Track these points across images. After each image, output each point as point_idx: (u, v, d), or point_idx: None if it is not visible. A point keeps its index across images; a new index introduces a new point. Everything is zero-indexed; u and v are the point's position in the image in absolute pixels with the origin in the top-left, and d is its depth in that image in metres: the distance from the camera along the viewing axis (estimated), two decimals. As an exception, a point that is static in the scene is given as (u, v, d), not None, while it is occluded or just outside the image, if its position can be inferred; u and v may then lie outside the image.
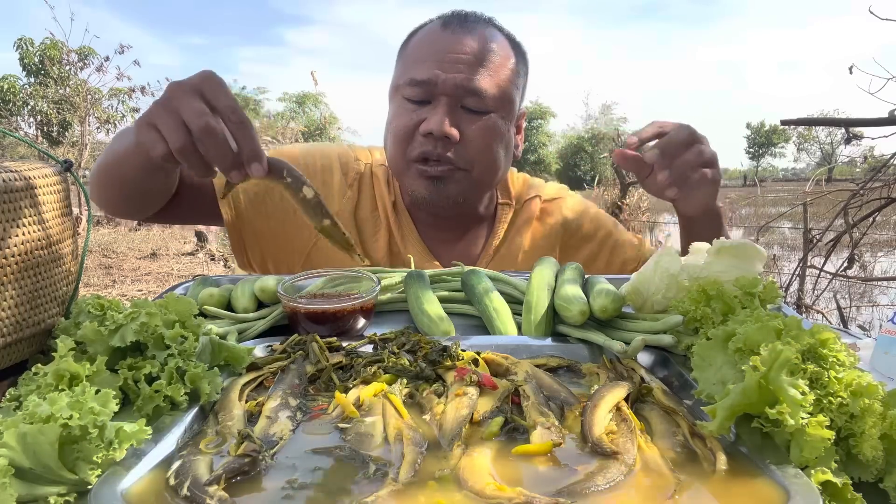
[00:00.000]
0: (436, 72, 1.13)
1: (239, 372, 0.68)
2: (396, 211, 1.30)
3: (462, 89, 1.13)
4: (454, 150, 1.15)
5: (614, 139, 7.60)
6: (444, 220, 1.30)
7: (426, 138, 1.14)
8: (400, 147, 1.18)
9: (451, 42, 1.15)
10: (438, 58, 1.14)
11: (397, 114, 1.19)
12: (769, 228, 5.09)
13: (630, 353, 0.72)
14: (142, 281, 7.00)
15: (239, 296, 0.93)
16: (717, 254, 0.78)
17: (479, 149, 1.17)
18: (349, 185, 1.29)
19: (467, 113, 1.15)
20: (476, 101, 1.15)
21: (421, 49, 1.19)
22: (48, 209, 0.69)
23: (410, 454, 0.51)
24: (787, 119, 2.63)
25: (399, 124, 1.17)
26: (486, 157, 1.19)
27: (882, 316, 4.84)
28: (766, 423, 0.52)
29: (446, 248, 1.30)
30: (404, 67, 1.20)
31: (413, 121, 1.15)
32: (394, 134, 1.19)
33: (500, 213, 1.36)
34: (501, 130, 1.20)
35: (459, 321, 0.91)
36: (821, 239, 3.24)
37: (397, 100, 1.19)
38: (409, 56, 1.21)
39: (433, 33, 1.20)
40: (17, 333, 0.65)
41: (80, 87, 12.71)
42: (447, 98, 1.13)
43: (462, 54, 1.14)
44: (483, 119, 1.17)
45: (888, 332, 0.77)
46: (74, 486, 0.47)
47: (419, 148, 1.15)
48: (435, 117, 1.13)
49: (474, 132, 1.16)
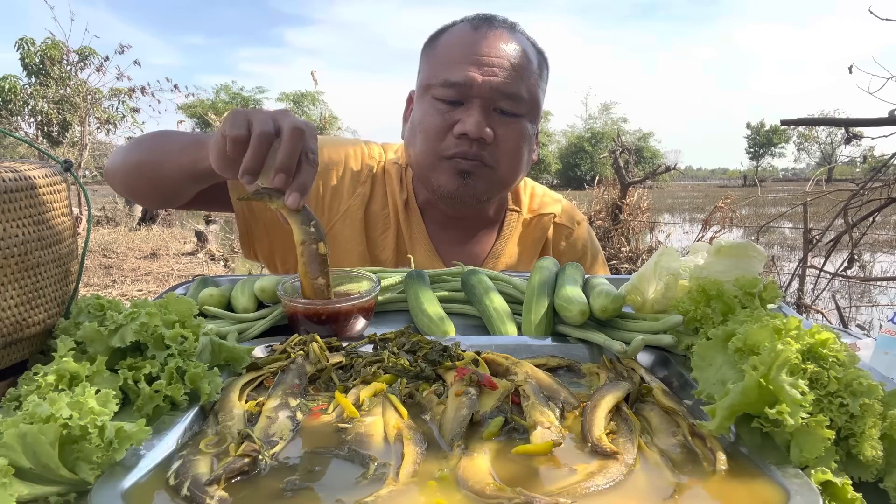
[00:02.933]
0: (471, 74, 1.14)
1: (239, 372, 0.68)
2: (408, 209, 1.31)
3: (497, 93, 1.15)
4: (486, 150, 1.17)
5: (614, 139, 7.59)
6: (455, 220, 1.31)
7: (460, 139, 1.16)
8: (431, 145, 1.19)
9: (485, 45, 1.16)
10: (474, 60, 1.15)
11: (429, 113, 1.19)
12: (769, 228, 5.09)
13: (630, 353, 0.72)
14: (142, 281, 7.00)
15: (239, 296, 0.93)
16: (717, 254, 0.78)
17: (508, 150, 1.19)
18: (362, 182, 1.30)
19: (500, 116, 1.17)
20: (510, 105, 1.17)
21: (453, 50, 1.19)
22: (48, 209, 0.69)
23: (410, 454, 0.51)
24: (787, 119, 2.62)
25: (431, 123, 1.18)
26: (513, 159, 1.21)
27: (882, 316, 4.84)
28: (766, 423, 0.52)
29: (453, 249, 1.32)
30: (436, 68, 1.20)
31: (446, 121, 1.17)
32: (425, 133, 1.20)
33: (509, 219, 1.38)
34: (529, 135, 1.23)
35: (459, 321, 0.91)
36: (821, 239, 3.24)
37: (427, 100, 1.20)
38: (440, 56, 1.21)
39: (466, 35, 1.20)
40: (17, 333, 0.65)
41: (80, 88, 12.70)
42: (481, 101, 1.15)
43: (497, 58, 1.16)
44: (515, 122, 1.19)
45: (888, 332, 0.77)
46: (74, 486, 0.47)
47: (453, 148, 1.17)
48: (471, 119, 1.14)
49: (506, 135, 1.18)
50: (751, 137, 55.75)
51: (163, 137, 1.19)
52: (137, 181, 1.19)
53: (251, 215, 1.28)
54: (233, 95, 32.42)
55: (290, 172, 0.80)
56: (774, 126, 51.96)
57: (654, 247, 6.67)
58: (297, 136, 0.80)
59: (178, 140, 1.14)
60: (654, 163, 31.78)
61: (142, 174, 1.17)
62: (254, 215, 1.28)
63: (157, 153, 1.14)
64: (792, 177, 53.05)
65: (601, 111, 41.61)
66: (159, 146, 1.15)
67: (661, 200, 16.97)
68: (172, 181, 1.13)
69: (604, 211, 7.07)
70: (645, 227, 7.28)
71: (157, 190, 1.18)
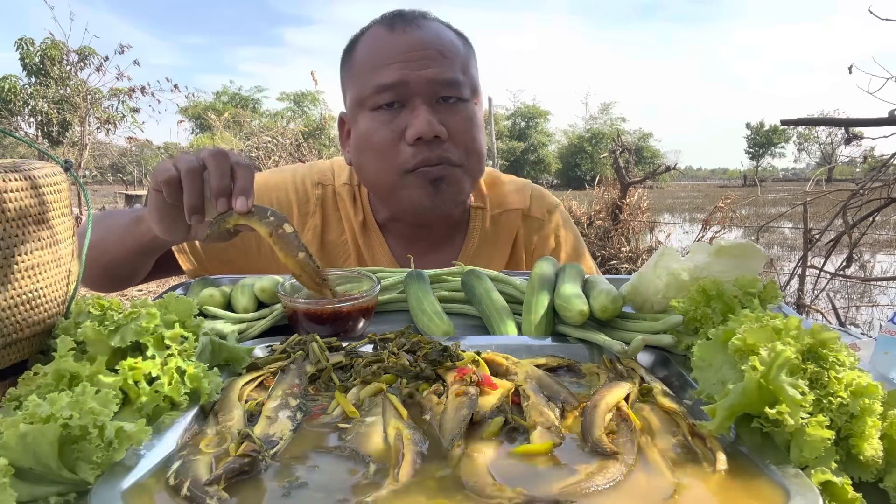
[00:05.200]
0: (404, 72, 1.08)
1: (239, 372, 0.68)
2: (366, 229, 1.25)
3: (435, 83, 1.09)
4: (446, 147, 1.11)
5: (614, 139, 7.59)
6: (418, 230, 1.25)
7: (416, 145, 1.09)
8: (387, 161, 1.11)
9: (407, 41, 1.11)
10: (401, 58, 1.09)
11: (372, 127, 1.12)
12: (769, 228, 5.09)
13: (630, 353, 0.72)
14: (142, 281, 6.99)
15: (239, 296, 0.93)
16: (717, 254, 0.78)
17: (467, 140, 1.13)
18: (311, 213, 1.25)
19: (445, 106, 1.11)
20: (452, 91, 1.11)
21: (376, 55, 1.12)
22: (48, 209, 0.69)
23: (410, 454, 0.51)
24: (787, 119, 2.63)
25: (379, 137, 1.11)
26: (474, 148, 1.15)
27: (882, 316, 4.84)
28: (766, 423, 0.52)
29: (420, 262, 1.22)
30: (363, 78, 1.12)
31: (394, 130, 1.10)
32: (375, 150, 1.12)
33: (474, 219, 1.30)
34: (477, 116, 1.17)
35: (459, 321, 0.91)
36: (820, 239, 3.24)
37: (365, 114, 1.13)
38: (362, 66, 1.14)
39: (382, 37, 1.13)
40: (17, 333, 0.65)
41: (80, 88, 12.70)
42: (422, 97, 1.09)
43: (423, 49, 1.10)
44: (462, 110, 1.13)
45: (888, 332, 0.77)
46: (74, 486, 0.47)
47: (413, 158, 1.09)
48: (419, 119, 1.07)
49: (458, 124, 1.12)
50: (751, 137, 55.76)
51: (101, 224, 1.16)
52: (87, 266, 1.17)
53: (202, 272, 1.25)
54: (232, 96, 32.43)
55: (227, 193, 0.82)
56: (774, 126, 51.99)
57: (654, 247, 6.67)
58: (220, 157, 0.83)
59: (118, 221, 1.13)
60: (654, 163, 31.80)
61: (91, 258, 1.12)
62: (204, 268, 1.25)
63: (101, 239, 1.10)
64: (792, 177, 53.08)
65: (601, 111, 41.62)
66: (101, 231, 1.12)
67: (661, 200, 16.97)
68: (123, 261, 1.13)
69: (604, 211, 7.08)
70: (645, 227, 7.28)
71: (109, 274, 1.17)
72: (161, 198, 0.86)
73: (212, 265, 1.25)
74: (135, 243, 1.08)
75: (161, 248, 1.11)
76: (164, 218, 0.90)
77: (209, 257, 1.25)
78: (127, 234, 1.09)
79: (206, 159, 0.83)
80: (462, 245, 1.29)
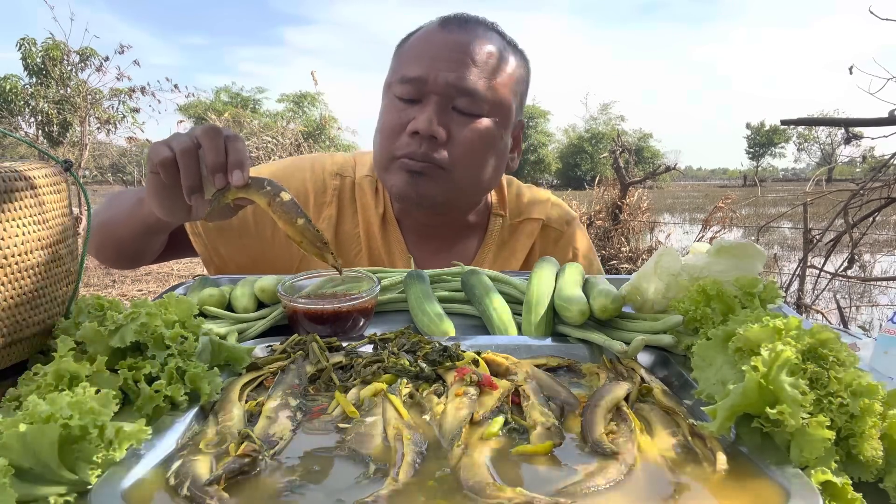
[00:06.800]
0: (427, 70, 1.10)
1: (239, 372, 0.68)
2: (385, 222, 1.26)
3: (453, 88, 1.10)
4: (439, 150, 1.11)
5: (614, 139, 7.59)
6: (433, 228, 1.26)
7: (412, 138, 1.11)
8: (386, 144, 1.15)
9: (446, 41, 1.13)
10: (432, 56, 1.11)
11: (387, 111, 1.16)
12: (769, 228, 5.09)
13: (630, 353, 0.72)
14: (142, 281, 7.00)
15: (239, 296, 0.93)
16: (717, 254, 0.78)
17: (465, 151, 1.13)
18: (327, 203, 1.26)
19: (459, 115, 1.12)
20: (468, 103, 1.11)
21: (416, 48, 1.16)
22: (48, 209, 0.69)
23: (410, 454, 0.51)
24: (787, 119, 2.63)
25: (387, 122, 1.15)
26: (471, 161, 1.14)
27: (882, 316, 4.84)
28: (766, 423, 0.52)
29: (435, 259, 1.25)
30: (398, 65, 1.17)
31: (401, 119, 1.13)
32: (382, 132, 1.16)
33: (492, 225, 1.32)
34: (493, 136, 1.15)
35: (459, 321, 0.91)
36: (821, 239, 3.24)
37: (388, 97, 1.17)
38: (403, 54, 1.18)
39: (430, 33, 1.17)
40: (17, 333, 0.65)
41: (80, 88, 12.70)
42: (437, 97, 1.10)
43: (459, 53, 1.11)
44: (474, 122, 1.12)
45: (888, 332, 0.77)
46: (74, 486, 0.47)
47: (405, 148, 1.12)
48: (423, 116, 1.09)
49: (463, 134, 1.12)
50: (751, 137, 55.76)
51: (112, 203, 1.21)
52: (102, 244, 1.20)
53: (219, 260, 1.26)
54: (233, 96, 32.43)
55: (223, 169, 0.81)
56: (774, 126, 51.98)
57: (654, 247, 6.68)
58: (213, 133, 0.82)
59: (125, 201, 1.15)
60: (654, 163, 31.80)
61: (105, 236, 1.17)
62: (222, 260, 1.26)
63: (111, 218, 1.15)
64: (792, 177, 53.08)
65: (601, 111, 41.61)
66: (112, 210, 1.17)
67: (661, 200, 16.96)
68: (132, 240, 1.14)
69: (604, 211, 7.08)
70: (645, 227, 7.28)
71: (123, 252, 1.19)
72: (158, 180, 0.85)
73: (227, 251, 1.25)
74: (140, 224, 1.08)
75: (166, 228, 1.12)
76: (163, 200, 0.90)
77: (224, 240, 1.25)
78: (132, 215, 1.09)
79: (199, 137, 0.83)
80: (478, 249, 1.31)
